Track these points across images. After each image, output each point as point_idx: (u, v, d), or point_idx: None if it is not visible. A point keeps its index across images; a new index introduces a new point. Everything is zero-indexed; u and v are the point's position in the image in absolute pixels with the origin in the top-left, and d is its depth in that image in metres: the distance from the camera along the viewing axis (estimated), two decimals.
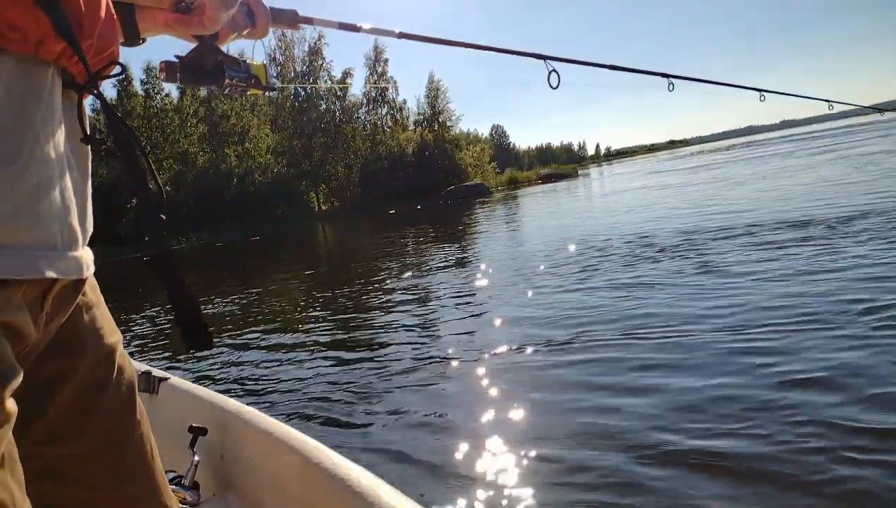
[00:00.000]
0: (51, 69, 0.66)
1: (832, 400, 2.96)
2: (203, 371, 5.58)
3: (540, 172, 69.11)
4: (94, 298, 0.83)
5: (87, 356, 0.79)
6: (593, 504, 2.46)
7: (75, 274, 0.70)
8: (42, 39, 0.62)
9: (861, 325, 3.87)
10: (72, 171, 0.70)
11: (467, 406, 3.68)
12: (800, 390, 3.14)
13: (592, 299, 5.85)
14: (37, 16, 0.60)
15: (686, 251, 7.48)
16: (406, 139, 55.64)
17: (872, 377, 3.14)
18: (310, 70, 52.30)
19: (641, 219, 11.79)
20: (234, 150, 48.08)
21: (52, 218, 0.64)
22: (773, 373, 3.38)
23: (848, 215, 7.97)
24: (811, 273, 5.37)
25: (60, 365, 0.76)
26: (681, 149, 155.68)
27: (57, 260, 0.65)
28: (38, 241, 0.63)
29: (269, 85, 1.10)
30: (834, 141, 33.27)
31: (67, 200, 0.67)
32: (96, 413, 0.81)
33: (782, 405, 3.01)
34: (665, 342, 4.21)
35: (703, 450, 2.70)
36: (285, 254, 19.55)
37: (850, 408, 2.85)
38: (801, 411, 2.92)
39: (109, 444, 0.83)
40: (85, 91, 0.72)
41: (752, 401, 3.10)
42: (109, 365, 0.83)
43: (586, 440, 2.97)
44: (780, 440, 2.70)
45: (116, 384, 0.84)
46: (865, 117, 17.90)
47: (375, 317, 6.77)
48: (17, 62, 0.61)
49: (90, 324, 0.81)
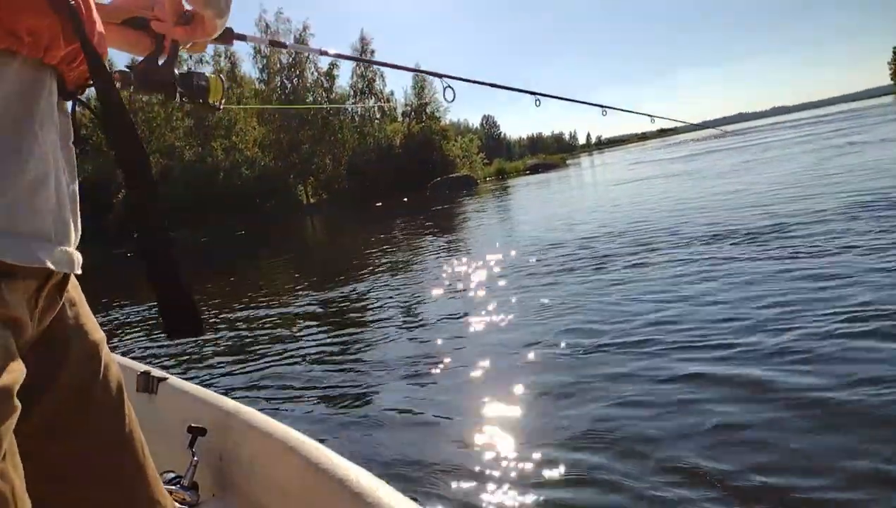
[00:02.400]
0: (51, 73, 0.69)
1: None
2: (201, 371, 5.57)
3: (527, 163, 68.93)
4: (77, 296, 0.84)
5: (73, 353, 0.79)
6: (592, 504, 2.49)
7: (67, 268, 0.72)
8: (51, 45, 0.65)
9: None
10: (64, 172, 0.72)
11: (467, 405, 3.70)
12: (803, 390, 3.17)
13: (576, 295, 5.89)
14: (53, 22, 0.64)
15: (625, 252, 7.58)
16: (393, 131, 55.36)
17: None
18: (296, 61, 51.84)
19: (607, 215, 11.95)
20: (221, 144, 47.65)
21: (48, 212, 0.67)
22: (756, 357, 3.44)
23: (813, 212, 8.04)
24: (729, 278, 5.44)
25: (49, 362, 0.76)
26: (671, 137, 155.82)
27: (52, 252, 0.67)
28: (35, 232, 0.65)
29: (215, 105, 1.11)
30: (814, 129, 33.47)
31: (61, 198, 0.70)
32: (85, 410, 0.81)
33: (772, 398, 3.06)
34: (654, 339, 4.26)
35: (700, 451, 2.73)
36: (272, 250, 19.44)
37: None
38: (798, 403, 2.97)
39: (99, 442, 0.83)
40: (76, 96, 0.75)
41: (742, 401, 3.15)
42: (96, 362, 0.84)
43: (585, 440, 3.00)
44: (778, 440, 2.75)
45: (104, 381, 0.84)
46: (858, 103, 18.11)
47: (370, 316, 6.78)
48: (24, 64, 0.64)
49: (75, 321, 0.81)
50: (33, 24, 0.62)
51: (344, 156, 52.46)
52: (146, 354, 6.74)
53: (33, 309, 0.68)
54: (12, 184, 0.61)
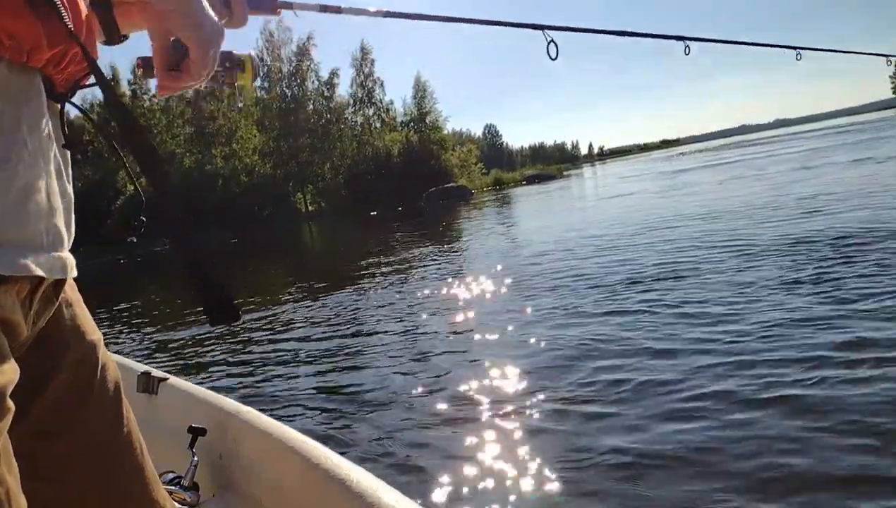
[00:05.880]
0: (37, 77, 0.67)
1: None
2: (202, 371, 5.57)
3: (524, 173, 69.02)
4: (74, 297, 0.83)
5: (70, 353, 0.79)
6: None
7: (59, 274, 0.71)
8: (34, 47, 0.63)
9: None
10: (57, 176, 0.71)
11: (466, 405, 3.71)
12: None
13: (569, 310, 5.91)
14: (32, 24, 0.61)
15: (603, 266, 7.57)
16: (392, 140, 55.48)
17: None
18: (297, 70, 52.02)
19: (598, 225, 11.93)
20: (221, 151, 47.69)
21: (39, 219, 0.66)
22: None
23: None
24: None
25: (45, 362, 0.76)
26: (673, 149, 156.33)
27: (43, 259, 0.67)
28: (26, 241, 0.64)
29: (254, 71, 0.99)
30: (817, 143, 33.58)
31: (53, 203, 0.69)
32: (83, 411, 0.81)
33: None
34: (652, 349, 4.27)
35: (699, 451, 2.74)
36: (270, 259, 19.44)
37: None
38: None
39: (97, 442, 0.82)
40: (66, 99, 0.73)
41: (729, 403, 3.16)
42: (93, 362, 0.83)
43: (585, 440, 3.01)
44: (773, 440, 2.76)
45: (102, 381, 0.84)
46: (856, 117, 18.07)
47: (368, 318, 6.78)
48: (8, 69, 0.62)
49: (72, 322, 0.81)
50: (10, 26, 0.59)
51: (343, 164, 52.51)
52: (146, 354, 6.73)
53: (28, 310, 0.68)
54: (3, 193, 0.60)
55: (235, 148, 48.47)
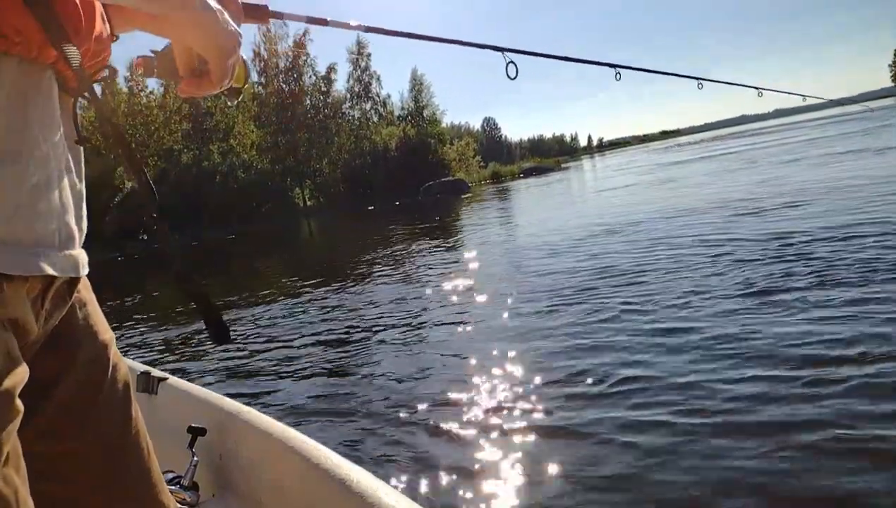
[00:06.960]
0: (49, 72, 0.67)
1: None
2: (201, 371, 5.57)
3: (522, 166, 68.90)
4: (88, 296, 0.84)
5: (82, 353, 0.79)
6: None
7: (72, 272, 0.71)
8: (44, 43, 0.63)
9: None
10: (68, 172, 0.71)
11: (467, 406, 3.69)
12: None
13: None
14: (35, 22, 0.61)
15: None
16: (389, 134, 55.35)
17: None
18: (293, 66, 51.87)
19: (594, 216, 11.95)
20: (218, 147, 47.58)
21: (51, 217, 0.66)
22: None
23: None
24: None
25: (57, 362, 0.76)
26: (673, 139, 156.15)
27: (55, 258, 0.67)
28: (38, 239, 0.64)
29: (239, 88, 0.98)
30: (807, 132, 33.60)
31: (65, 200, 0.69)
32: (93, 410, 0.81)
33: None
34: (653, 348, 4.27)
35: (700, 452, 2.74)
36: (269, 255, 19.44)
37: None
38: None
39: (106, 443, 0.82)
40: (79, 94, 0.73)
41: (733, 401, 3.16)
42: (105, 362, 0.83)
43: (585, 440, 3.00)
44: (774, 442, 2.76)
45: (112, 381, 0.84)
46: (853, 107, 18.47)
47: (368, 316, 6.77)
48: (19, 65, 0.62)
49: (84, 321, 0.81)
50: (18, 23, 0.60)
51: (340, 159, 52.41)
52: (145, 354, 6.73)
53: (39, 310, 0.68)
54: (13, 191, 0.60)
55: (233, 143, 48.37)
